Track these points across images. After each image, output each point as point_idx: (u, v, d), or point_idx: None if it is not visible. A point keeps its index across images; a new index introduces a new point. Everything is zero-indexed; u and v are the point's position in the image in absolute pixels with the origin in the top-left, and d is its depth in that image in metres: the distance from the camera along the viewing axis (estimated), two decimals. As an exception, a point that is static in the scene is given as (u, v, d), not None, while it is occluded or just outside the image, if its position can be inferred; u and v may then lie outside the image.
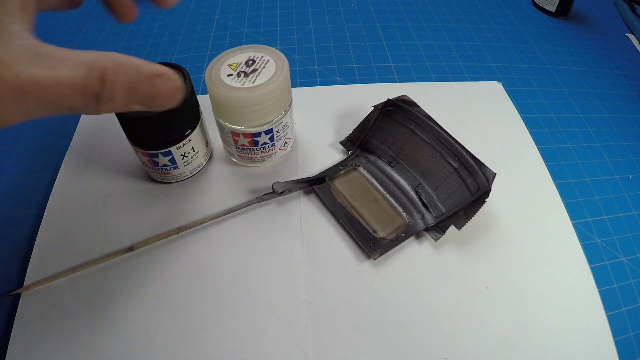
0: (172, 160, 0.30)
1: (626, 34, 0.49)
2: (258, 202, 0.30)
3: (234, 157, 0.33)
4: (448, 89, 0.40)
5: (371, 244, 0.28)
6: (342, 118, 0.36)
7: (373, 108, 0.32)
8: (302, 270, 0.27)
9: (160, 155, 0.29)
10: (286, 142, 0.32)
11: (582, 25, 0.49)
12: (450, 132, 0.30)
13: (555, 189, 0.32)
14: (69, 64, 0.15)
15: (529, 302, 0.26)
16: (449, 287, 0.27)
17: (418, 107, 0.31)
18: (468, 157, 0.28)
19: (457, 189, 0.29)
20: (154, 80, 0.17)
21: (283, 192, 0.30)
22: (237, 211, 0.30)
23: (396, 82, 0.41)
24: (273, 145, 0.31)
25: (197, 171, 0.32)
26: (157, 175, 0.31)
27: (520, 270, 0.28)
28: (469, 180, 0.28)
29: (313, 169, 0.33)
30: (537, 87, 0.41)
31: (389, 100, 0.32)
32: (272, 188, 0.30)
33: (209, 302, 0.26)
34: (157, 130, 0.28)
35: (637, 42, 0.48)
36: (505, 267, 0.28)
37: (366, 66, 0.43)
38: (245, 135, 0.29)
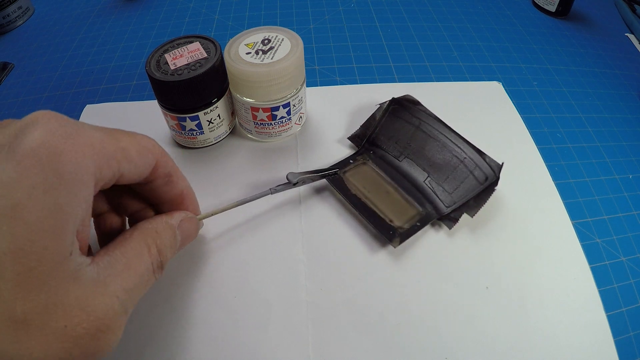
0: (199, 125, 0.32)
1: (626, 34, 0.49)
2: (271, 193, 0.28)
3: (251, 134, 0.34)
4: (448, 89, 0.40)
5: (390, 232, 0.28)
6: (342, 118, 0.36)
7: (378, 106, 0.33)
8: (302, 270, 0.27)
9: (188, 119, 0.31)
10: (301, 117, 0.34)
11: (582, 25, 0.49)
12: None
13: (555, 189, 0.32)
14: (137, 253, 0.19)
15: (529, 301, 0.26)
16: (449, 288, 0.27)
17: (421, 105, 0.32)
18: (471, 149, 0.30)
19: (465, 180, 0.30)
20: (182, 226, 0.23)
21: (297, 182, 0.29)
22: (239, 207, 0.30)
23: (396, 82, 0.41)
24: (289, 119, 0.33)
25: (221, 139, 0.34)
26: (182, 140, 0.33)
27: (520, 270, 0.28)
28: (475, 172, 0.30)
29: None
30: (537, 87, 0.41)
31: (393, 99, 0.33)
32: (287, 178, 0.29)
33: (209, 302, 0.26)
34: (187, 94, 0.29)
35: (637, 42, 0.48)
36: (505, 267, 0.28)
37: (366, 66, 0.43)
38: (265, 109, 0.31)
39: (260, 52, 0.30)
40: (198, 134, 0.32)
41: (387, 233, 0.28)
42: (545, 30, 0.48)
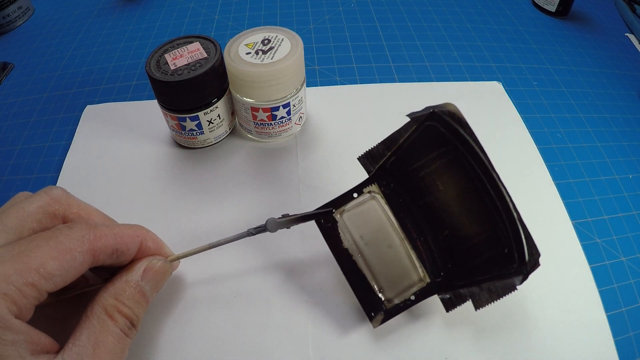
0: (199, 125, 0.32)
1: (626, 34, 0.49)
2: (248, 236, 0.25)
3: (251, 134, 0.34)
4: (448, 89, 0.40)
5: (374, 307, 0.24)
6: (343, 118, 0.36)
7: (409, 119, 0.24)
8: (302, 270, 0.27)
9: (188, 119, 0.31)
10: (301, 117, 0.34)
11: (582, 25, 0.49)
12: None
13: (555, 189, 0.32)
14: (102, 328, 0.19)
15: (529, 301, 0.26)
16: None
17: (469, 128, 0.23)
18: (519, 225, 0.22)
19: (492, 257, 0.23)
20: (147, 275, 0.21)
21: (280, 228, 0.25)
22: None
23: (396, 82, 0.41)
24: (289, 119, 0.33)
25: (221, 139, 0.34)
26: (182, 140, 0.34)
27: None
28: (507, 251, 0.23)
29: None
30: (537, 87, 0.41)
31: (433, 112, 0.23)
32: (266, 227, 0.24)
33: (209, 302, 0.26)
34: (187, 94, 0.30)
35: (637, 42, 0.48)
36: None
37: (366, 66, 0.43)
38: (265, 109, 0.31)
39: (260, 52, 0.30)
40: (198, 134, 0.32)
41: (369, 307, 0.24)
42: (545, 30, 0.48)
